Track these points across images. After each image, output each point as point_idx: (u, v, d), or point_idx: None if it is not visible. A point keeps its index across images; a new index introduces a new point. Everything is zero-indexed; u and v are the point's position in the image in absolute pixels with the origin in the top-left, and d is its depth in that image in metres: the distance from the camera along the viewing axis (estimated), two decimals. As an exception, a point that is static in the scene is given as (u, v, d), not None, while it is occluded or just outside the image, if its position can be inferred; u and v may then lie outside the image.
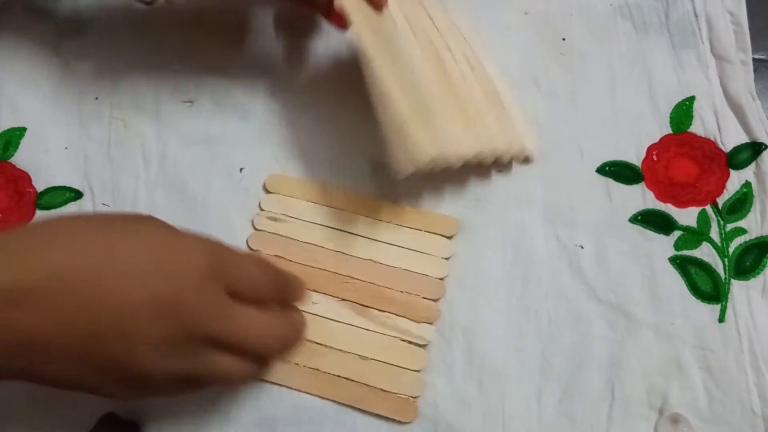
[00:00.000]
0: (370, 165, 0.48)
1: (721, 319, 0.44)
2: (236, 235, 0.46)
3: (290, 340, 0.37)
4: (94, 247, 0.32)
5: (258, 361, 0.36)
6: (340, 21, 0.45)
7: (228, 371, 0.35)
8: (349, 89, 0.49)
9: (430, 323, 0.44)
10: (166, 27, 0.51)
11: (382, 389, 0.42)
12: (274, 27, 0.51)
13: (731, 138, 0.48)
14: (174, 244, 0.34)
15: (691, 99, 0.49)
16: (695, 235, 0.46)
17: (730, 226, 0.46)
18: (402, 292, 0.44)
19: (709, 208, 0.46)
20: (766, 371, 0.42)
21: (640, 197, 0.47)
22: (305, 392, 0.42)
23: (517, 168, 0.48)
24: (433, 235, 0.46)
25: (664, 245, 0.45)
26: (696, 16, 0.51)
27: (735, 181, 0.47)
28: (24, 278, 0.31)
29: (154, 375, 0.33)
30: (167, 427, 0.41)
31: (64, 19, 0.52)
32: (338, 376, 0.42)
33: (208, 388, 0.36)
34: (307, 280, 0.44)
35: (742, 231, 0.46)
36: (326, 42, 0.51)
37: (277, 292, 0.38)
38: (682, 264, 0.45)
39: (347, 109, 0.49)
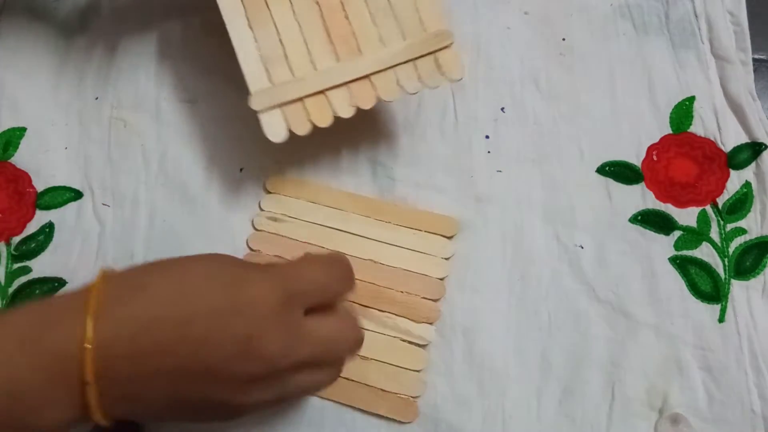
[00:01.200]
0: (370, 165, 0.48)
1: (721, 319, 0.44)
2: (236, 235, 0.46)
3: (359, 337, 0.37)
4: (170, 294, 0.33)
5: (336, 364, 0.37)
6: None
7: (314, 385, 0.36)
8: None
9: (430, 323, 0.44)
10: (166, 27, 0.51)
11: (382, 389, 0.42)
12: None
13: (731, 138, 0.48)
14: (244, 281, 0.34)
15: (691, 99, 0.49)
16: (695, 235, 0.46)
17: (730, 226, 0.46)
18: (402, 292, 0.44)
19: (709, 208, 0.46)
20: (766, 371, 0.42)
21: (640, 197, 0.47)
22: (305, 392, 0.42)
23: (517, 168, 0.48)
24: (433, 235, 0.46)
25: (664, 245, 0.45)
26: (696, 16, 0.51)
27: (735, 181, 0.47)
28: (113, 332, 0.32)
29: (245, 407, 0.34)
30: (167, 427, 0.41)
31: (64, 19, 0.51)
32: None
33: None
34: None
35: (742, 231, 0.46)
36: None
37: (343, 284, 0.37)
38: (682, 264, 0.45)
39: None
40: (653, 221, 0.46)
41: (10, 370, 0.31)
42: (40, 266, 0.45)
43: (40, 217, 0.46)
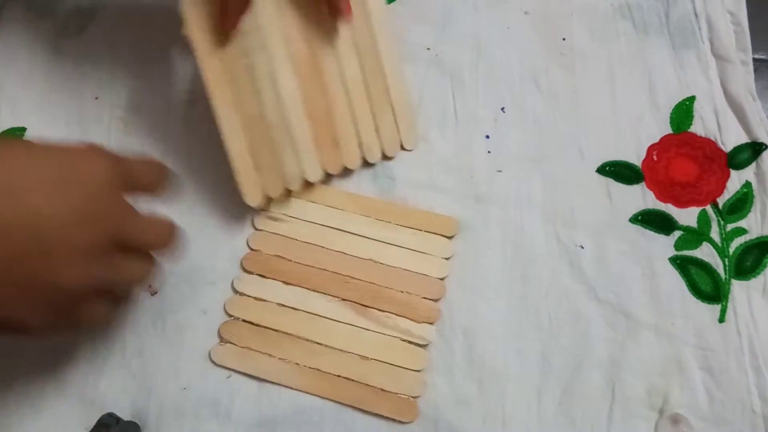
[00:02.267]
0: (370, 165, 0.48)
1: (722, 319, 0.44)
2: (236, 235, 0.46)
3: (173, 233, 0.39)
4: (8, 165, 0.32)
5: (149, 258, 0.38)
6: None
7: (136, 272, 0.37)
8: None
9: (430, 323, 0.43)
10: (166, 27, 0.51)
11: (382, 389, 0.42)
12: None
13: (731, 138, 0.48)
14: (78, 157, 0.35)
15: (692, 99, 0.49)
16: (695, 235, 0.46)
17: (730, 226, 0.46)
18: (402, 292, 0.44)
19: (709, 208, 0.46)
20: (766, 371, 0.42)
21: (641, 197, 0.47)
22: (305, 392, 0.42)
23: (517, 168, 0.48)
24: (433, 235, 0.46)
25: (664, 245, 0.45)
26: (696, 16, 0.51)
27: (735, 181, 0.47)
28: None
29: (76, 284, 0.33)
30: (167, 427, 0.41)
31: (64, 19, 0.52)
32: (338, 376, 0.42)
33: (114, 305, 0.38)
34: (307, 280, 0.44)
35: (742, 231, 0.46)
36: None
37: (155, 176, 0.39)
38: (682, 264, 0.45)
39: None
40: (653, 221, 0.46)
41: None
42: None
43: None
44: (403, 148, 0.48)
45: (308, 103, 0.45)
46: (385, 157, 0.48)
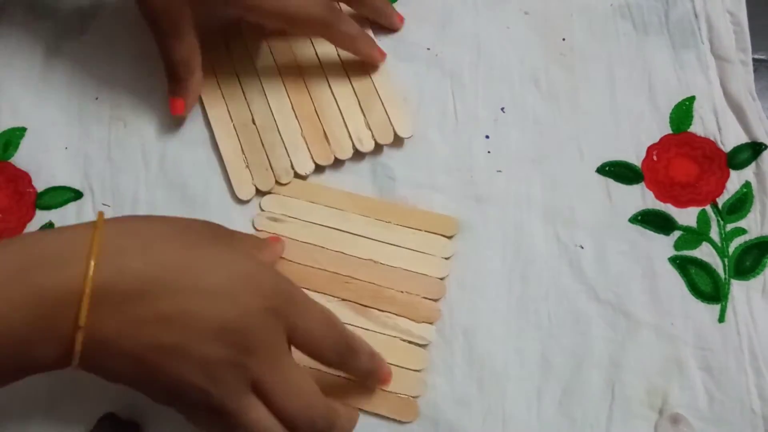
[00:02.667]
0: (370, 165, 0.48)
1: (721, 319, 0.44)
2: (236, 235, 0.46)
3: (333, 428, 0.37)
4: (175, 260, 0.34)
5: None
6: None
7: (256, 424, 0.35)
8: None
9: (430, 323, 0.44)
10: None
11: (382, 389, 0.42)
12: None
13: (731, 138, 0.48)
14: (251, 272, 0.35)
15: (691, 99, 0.49)
16: (695, 235, 0.46)
17: (730, 226, 0.46)
18: (402, 292, 0.44)
19: (709, 208, 0.46)
20: (766, 371, 0.42)
21: (640, 197, 0.47)
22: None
23: (517, 168, 0.48)
24: (433, 235, 0.46)
25: (664, 245, 0.45)
26: (696, 16, 0.51)
27: (735, 181, 0.47)
28: (112, 282, 0.32)
29: (192, 392, 0.34)
30: (167, 427, 0.41)
31: (64, 19, 0.51)
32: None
33: None
34: (307, 280, 0.44)
35: (742, 231, 0.46)
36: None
37: (337, 356, 0.37)
38: (682, 264, 0.45)
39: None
40: (653, 221, 0.46)
41: (4, 310, 0.31)
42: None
43: (40, 217, 0.46)
44: (397, 136, 0.48)
45: (296, 105, 0.49)
46: (378, 147, 0.48)
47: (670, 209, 0.46)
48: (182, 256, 0.34)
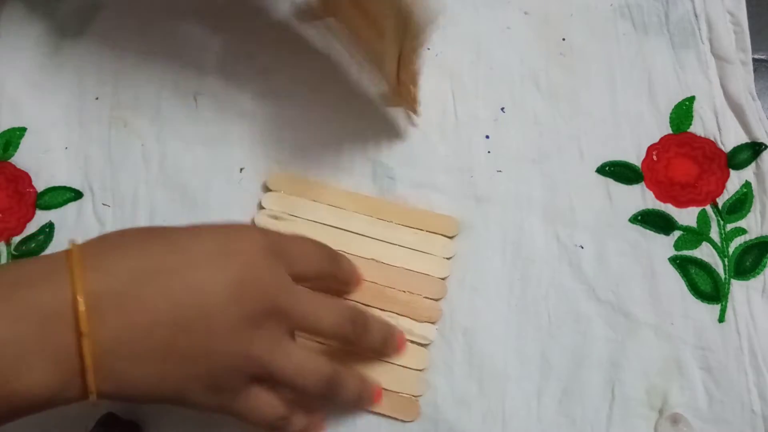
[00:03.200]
0: (370, 165, 0.48)
1: (721, 319, 0.44)
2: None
3: (349, 314, 0.38)
4: (161, 246, 0.34)
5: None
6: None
7: (300, 359, 0.35)
8: (349, 90, 0.49)
9: (432, 323, 0.44)
10: (166, 27, 0.51)
11: (384, 388, 0.42)
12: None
13: (731, 138, 0.48)
14: (230, 230, 0.36)
15: (691, 99, 0.49)
16: (695, 235, 0.46)
17: (730, 226, 0.46)
18: (404, 291, 0.44)
19: (709, 208, 0.46)
20: (766, 371, 0.42)
21: (640, 197, 0.47)
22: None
23: (517, 168, 0.48)
24: (434, 234, 0.46)
25: (664, 245, 0.45)
26: (696, 16, 0.51)
27: (735, 181, 0.47)
28: (103, 284, 0.31)
29: (235, 359, 0.33)
30: (167, 427, 0.41)
31: (64, 19, 0.51)
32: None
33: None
34: None
35: (742, 231, 0.46)
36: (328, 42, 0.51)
37: (331, 264, 0.40)
38: (682, 264, 0.45)
39: (348, 108, 0.49)
40: (653, 221, 0.46)
41: None
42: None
43: (40, 217, 0.46)
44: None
45: None
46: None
47: (670, 209, 0.46)
48: (161, 239, 0.34)
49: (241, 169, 0.47)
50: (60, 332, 0.30)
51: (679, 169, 0.47)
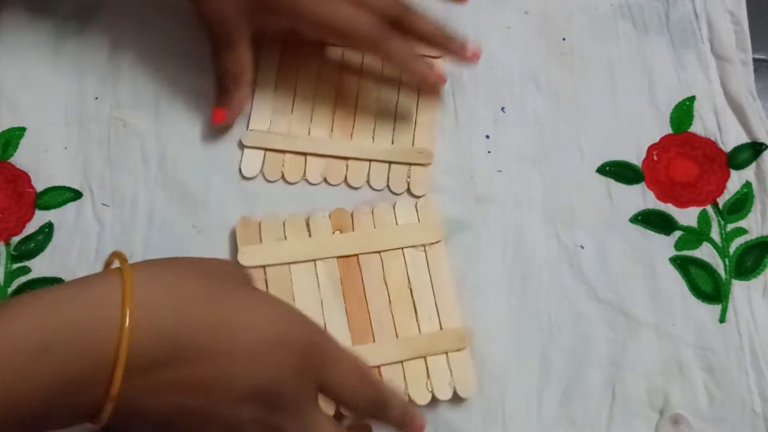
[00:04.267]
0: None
1: (722, 320, 0.44)
2: (236, 236, 0.45)
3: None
4: (205, 320, 0.32)
5: None
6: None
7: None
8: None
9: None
10: (166, 27, 0.51)
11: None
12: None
13: (731, 138, 0.48)
14: (280, 327, 0.34)
15: (692, 99, 0.49)
16: (696, 235, 0.46)
17: (730, 226, 0.46)
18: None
19: (709, 208, 0.46)
20: (767, 371, 0.42)
21: (641, 197, 0.47)
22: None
23: (517, 168, 0.48)
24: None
25: (664, 245, 0.45)
26: (696, 16, 0.51)
27: (735, 181, 0.47)
28: (142, 345, 0.30)
29: None
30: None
31: (64, 19, 0.51)
32: None
33: None
34: None
35: (742, 231, 0.46)
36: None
37: (369, 410, 0.37)
38: (682, 264, 0.45)
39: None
40: (654, 221, 0.46)
41: (21, 386, 0.28)
42: (40, 266, 0.45)
43: (40, 217, 0.46)
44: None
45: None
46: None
47: (670, 209, 0.46)
48: (212, 314, 0.32)
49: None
50: (89, 391, 0.29)
51: (680, 169, 0.47)
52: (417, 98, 0.49)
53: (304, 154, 0.47)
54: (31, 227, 0.46)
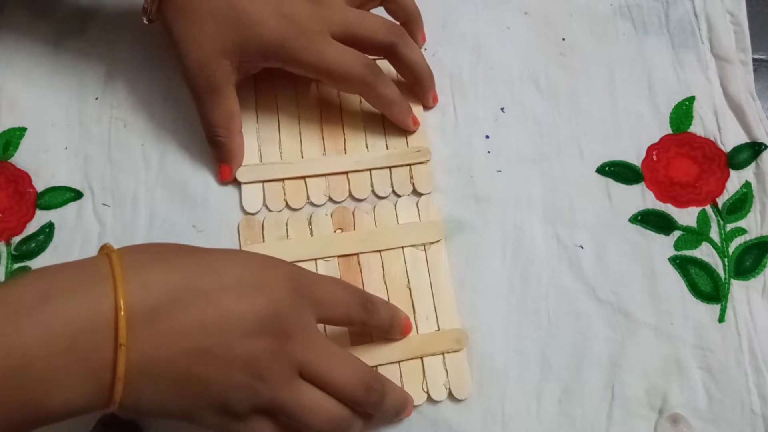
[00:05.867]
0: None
1: (721, 319, 0.44)
2: (236, 236, 0.46)
3: (369, 379, 0.37)
4: (197, 266, 0.34)
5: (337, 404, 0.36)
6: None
7: (313, 406, 0.35)
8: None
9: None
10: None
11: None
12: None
13: (731, 138, 0.48)
14: (263, 261, 0.36)
15: (691, 99, 0.49)
16: (695, 235, 0.46)
17: (730, 226, 0.46)
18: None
19: (709, 208, 0.46)
20: (765, 371, 0.42)
21: (640, 197, 0.47)
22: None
23: (517, 168, 0.48)
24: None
25: (664, 245, 0.45)
26: (696, 16, 0.51)
27: (735, 181, 0.47)
28: (139, 297, 0.31)
29: (242, 395, 0.33)
30: (167, 427, 0.41)
31: (64, 19, 0.51)
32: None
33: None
34: None
35: (742, 231, 0.46)
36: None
37: (362, 311, 0.39)
38: (682, 264, 0.45)
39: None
40: (653, 221, 0.46)
41: (21, 343, 0.29)
42: (40, 266, 0.44)
43: (40, 217, 0.46)
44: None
45: None
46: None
47: (670, 209, 0.46)
48: (198, 258, 0.35)
49: None
50: (94, 346, 0.30)
51: (679, 169, 0.47)
52: None
53: (303, 177, 0.46)
54: (31, 227, 0.46)
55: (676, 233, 0.46)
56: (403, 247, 0.45)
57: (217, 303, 0.33)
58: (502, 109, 0.49)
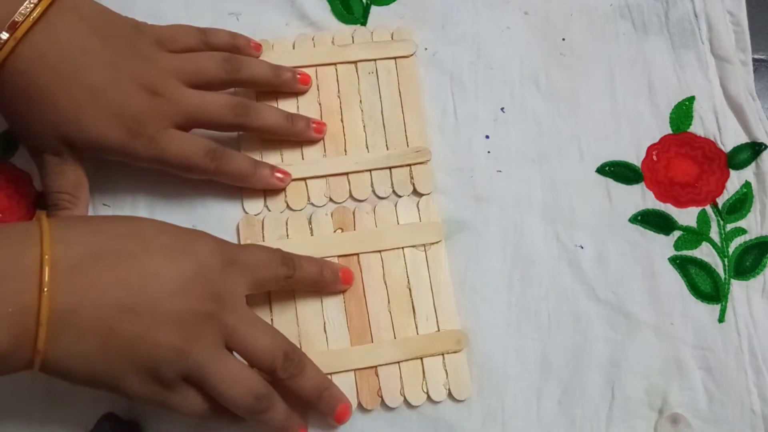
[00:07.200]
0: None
1: (721, 319, 0.44)
2: (236, 235, 0.46)
3: (287, 350, 0.38)
4: (123, 231, 0.35)
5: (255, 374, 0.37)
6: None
7: (234, 373, 0.36)
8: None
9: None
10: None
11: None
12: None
13: (731, 138, 0.48)
14: (192, 231, 0.38)
15: (691, 99, 0.49)
16: (695, 235, 0.46)
17: (730, 226, 0.46)
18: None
19: (708, 208, 0.46)
20: (765, 371, 0.42)
21: (640, 197, 0.47)
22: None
23: (517, 168, 0.48)
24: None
25: (664, 245, 0.45)
26: (696, 16, 0.51)
27: (735, 181, 0.47)
28: (63, 253, 0.33)
29: (170, 355, 0.34)
30: (167, 427, 0.41)
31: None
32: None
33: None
34: None
35: (741, 231, 0.46)
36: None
37: (287, 269, 0.40)
38: (682, 264, 0.45)
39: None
40: (653, 221, 0.46)
41: None
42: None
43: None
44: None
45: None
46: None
47: (670, 209, 0.46)
48: (127, 227, 0.36)
49: None
50: (18, 291, 0.32)
51: (679, 169, 0.47)
52: (400, 98, 0.48)
53: (303, 179, 0.47)
54: (31, 227, 0.46)
55: (676, 233, 0.46)
56: (403, 248, 0.45)
57: (142, 264, 0.34)
58: (502, 109, 0.49)
